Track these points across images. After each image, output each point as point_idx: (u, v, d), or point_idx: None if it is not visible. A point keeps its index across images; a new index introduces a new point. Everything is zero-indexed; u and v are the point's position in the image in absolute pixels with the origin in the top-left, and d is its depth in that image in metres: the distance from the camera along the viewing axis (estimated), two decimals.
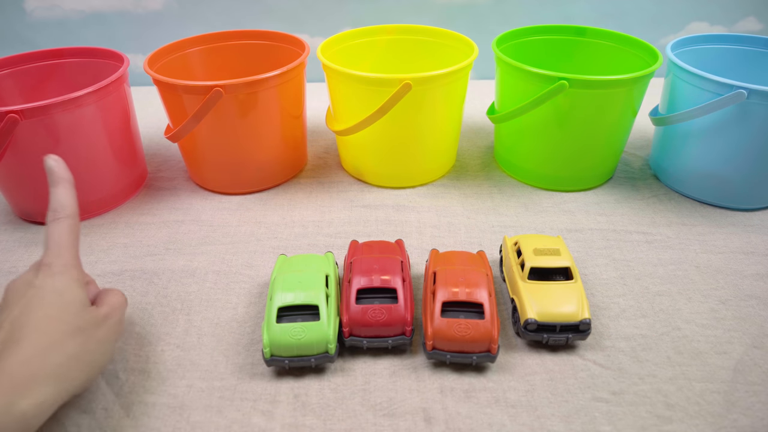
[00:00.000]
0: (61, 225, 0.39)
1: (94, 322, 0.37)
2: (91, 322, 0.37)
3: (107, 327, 0.38)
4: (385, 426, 0.41)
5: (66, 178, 0.40)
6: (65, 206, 0.39)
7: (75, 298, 0.37)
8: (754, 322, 0.49)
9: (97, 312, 0.38)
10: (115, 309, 0.40)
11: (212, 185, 0.69)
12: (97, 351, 0.37)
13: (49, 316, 0.35)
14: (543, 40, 0.76)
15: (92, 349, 0.36)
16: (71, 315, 0.36)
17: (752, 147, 0.59)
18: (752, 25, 1.02)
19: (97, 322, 0.37)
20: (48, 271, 0.37)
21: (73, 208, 0.39)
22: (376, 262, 0.48)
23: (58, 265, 0.37)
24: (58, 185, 0.40)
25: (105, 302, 0.40)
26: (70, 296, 0.36)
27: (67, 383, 0.35)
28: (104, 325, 0.38)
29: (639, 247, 0.59)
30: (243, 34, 0.74)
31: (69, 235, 0.39)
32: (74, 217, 0.39)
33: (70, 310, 0.36)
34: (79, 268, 0.39)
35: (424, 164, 0.69)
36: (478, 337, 0.43)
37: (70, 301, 0.36)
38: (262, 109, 0.61)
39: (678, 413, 0.41)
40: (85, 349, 0.36)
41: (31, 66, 0.67)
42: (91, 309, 0.38)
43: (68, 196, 0.40)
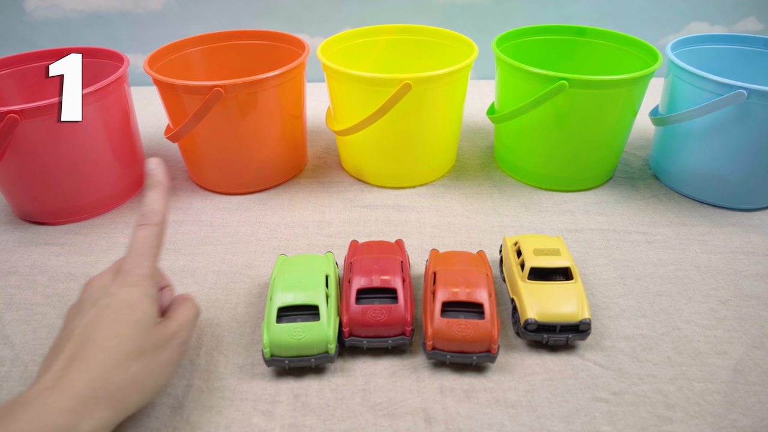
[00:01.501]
0: (148, 232, 0.39)
1: (160, 343, 0.36)
2: (156, 342, 0.36)
3: (171, 348, 0.37)
4: (385, 426, 0.41)
5: (162, 182, 0.40)
6: (155, 212, 0.39)
7: (145, 314, 0.36)
8: (754, 322, 0.49)
9: (164, 331, 0.37)
10: (182, 327, 0.39)
11: (212, 185, 0.69)
12: (158, 373, 0.36)
13: (116, 335, 0.34)
14: (543, 40, 0.76)
15: (153, 372, 0.36)
16: (138, 334, 0.35)
17: (752, 147, 0.59)
18: (752, 25, 1.02)
19: (162, 343, 0.36)
20: (124, 279, 0.37)
21: (162, 215, 0.39)
22: (376, 262, 0.48)
23: (135, 275, 0.37)
24: (153, 189, 0.40)
25: (175, 317, 0.39)
26: (140, 312, 0.36)
27: (124, 406, 0.34)
28: (169, 345, 0.37)
29: (639, 247, 0.59)
30: (243, 34, 0.74)
31: (153, 243, 0.38)
32: (162, 225, 0.39)
33: (137, 328, 0.35)
34: (154, 280, 0.38)
35: (424, 164, 0.69)
36: (478, 337, 0.43)
37: (139, 318, 0.36)
38: (262, 109, 0.61)
39: (678, 413, 0.41)
40: (147, 372, 0.35)
41: (31, 66, 0.67)
42: (159, 327, 0.37)
43: (160, 202, 0.40)
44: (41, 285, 0.54)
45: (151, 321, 0.36)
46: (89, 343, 0.34)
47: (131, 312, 0.36)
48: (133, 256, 0.38)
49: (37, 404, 0.30)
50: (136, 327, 0.35)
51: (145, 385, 0.35)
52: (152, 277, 0.38)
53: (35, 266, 0.56)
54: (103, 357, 0.33)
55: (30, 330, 0.49)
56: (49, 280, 0.55)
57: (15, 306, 0.52)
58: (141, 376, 0.34)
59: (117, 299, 0.36)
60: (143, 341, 0.35)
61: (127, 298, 0.36)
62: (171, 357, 0.37)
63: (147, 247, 0.38)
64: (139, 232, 0.39)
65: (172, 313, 0.39)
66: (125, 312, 0.35)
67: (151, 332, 0.36)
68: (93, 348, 0.33)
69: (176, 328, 0.38)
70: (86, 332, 0.34)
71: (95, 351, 0.33)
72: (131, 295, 0.36)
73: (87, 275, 0.55)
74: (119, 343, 0.34)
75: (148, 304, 0.37)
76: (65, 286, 0.54)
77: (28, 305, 0.52)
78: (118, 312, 0.35)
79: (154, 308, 0.37)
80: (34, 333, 0.49)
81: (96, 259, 0.57)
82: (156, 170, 0.41)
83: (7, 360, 0.46)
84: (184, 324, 0.39)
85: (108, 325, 0.35)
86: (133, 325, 0.35)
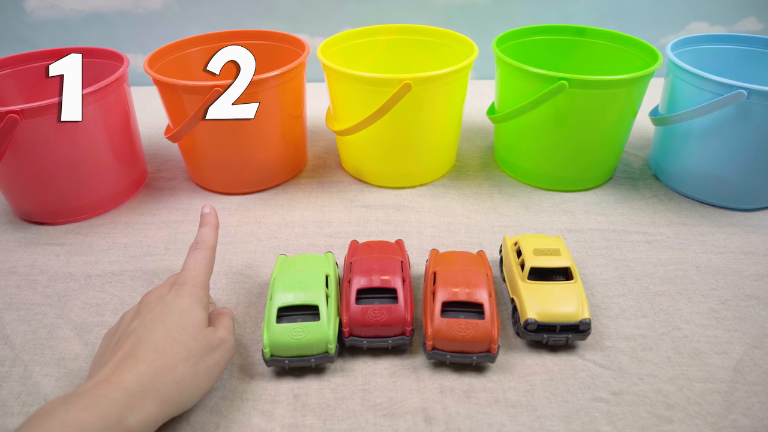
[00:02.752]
0: (201, 254, 0.44)
1: (209, 347, 0.39)
2: (205, 346, 0.39)
3: (220, 353, 0.40)
4: (385, 426, 0.41)
5: (214, 224, 0.47)
6: (206, 241, 0.45)
7: (196, 319, 0.39)
8: (754, 322, 0.49)
9: (213, 336, 0.40)
10: (229, 333, 0.42)
11: (212, 185, 0.69)
12: (205, 375, 0.39)
13: (168, 337, 0.37)
14: (543, 40, 0.76)
15: (200, 374, 0.38)
16: (189, 337, 0.38)
17: (752, 147, 0.59)
18: (752, 25, 1.02)
19: (211, 347, 0.39)
20: (179, 290, 0.41)
21: (213, 243, 0.45)
22: (376, 262, 0.48)
23: (189, 287, 0.41)
24: (205, 226, 0.46)
25: (221, 325, 0.42)
26: (191, 317, 0.39)
27: (171, 405, 0.36)
28: (218, 350, 0.40)
29: (639, 247, 0.59)
30: (243, 34, 0.74)
31: (204, 263, 0.43)
32: (212, 251, 0.45)
33: (188, 332, 0.38)
34: (205, 292, 0.42)
35: (424, 164, 0.69)
36: (478, 337, 0.43)
37: (190, 322, 0.39)
38: (262, 109, 0.61)
39: (678, 413, 0.41)
40: (193, 373, 0.37)
41: (31, 66, 0.67)
42: (207, 332, 0.40)
43: (212, 235, 0.46)
44: (41, 285, 0.54)
45: (200, 326, 0.39)
46: (142, 343, 0.37)
47: (183, 317, 0.39)
48: (187, 271, 0.42)
49: (91, 395, 0.33)
50: (186, 331, 0.38)
51: (190, 385, 0.37)
52: (204, 289, 0.42)
53: (35, 266, 0.56)
54: (154, 356, 0.36)
55: (30, 330, 0.49)
56: (49, 280, 0.55)
57: (15, 306, 0.52)
58: (187, 377, 0.37)
59: (171, 306, 0.39)
60: (192, 345, 0.38)
61: (180, 304, 0.40)
62: (218, 361, 0.40)
63: (200, 266, 0.43)
64: (194, 253, 0.44)
65: (217, 322, 0.42)
66: (178, 317, 0.39)
67: (199, 337, 0.39)
68: (145, 347, 0.36)
69: (225, 334, 0.41)
70: (141, 334, 0.37)
71: (146, 350, 0.36)
72: (184, 302, 0.40)
73: (87, 275, 0.55)
74: (170, 344, 0.37)
75: (199, 311, 0.40)
76: (65, 286, 0.54)
77: (28, 305, 0.52)
78: (172, 317, 0.39)
79: (204, 315, 0.41)
80: (34, 333, 0.49)
81: (96, 259, 0.57)
82: (210, 214, 0.47)
83: (7, 360, 0.46)
84: (230, 331, 0.42)
85: (161, 328, 0.38)
86: (184, 328, 0.38)
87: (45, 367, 0.45)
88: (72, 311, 0.51)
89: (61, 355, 0.47)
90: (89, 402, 0.32)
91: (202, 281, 0.42)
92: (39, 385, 0.44)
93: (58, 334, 0.49)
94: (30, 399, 0.43)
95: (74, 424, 0.31)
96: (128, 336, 0.38)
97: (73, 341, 0.48)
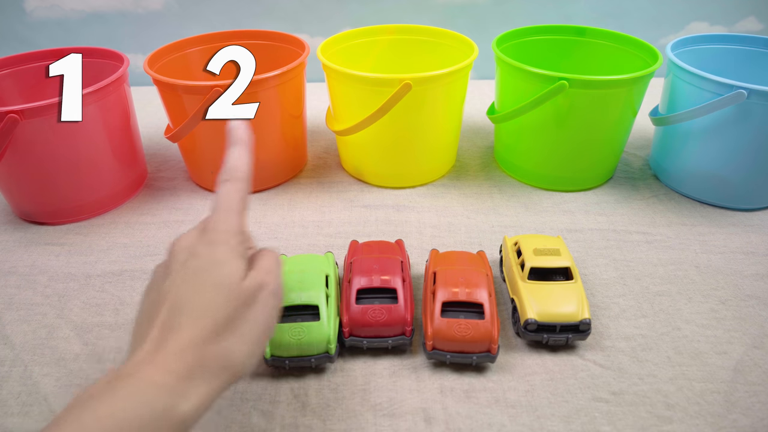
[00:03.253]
0: (232, 187, 0.36)
1: (248, 299, 0.33)
2: (245, 300, 0.33)
3: (261, 302, 0.34)
4: (385, 426, 0.41)
5: (244, 140, 0.38)
6: (238, 168, 0.37)
7: (232, 272, 0.34)
8: (754, 322, 0.49)
9: (251, 283, 0.34)
10: (268, 273, 0.35)
11: (212, 185, 0.69)
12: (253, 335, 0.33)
13: (204, 300, 0.32)
14: (543, 40, 0.76)
15: (247, 334, 0.33)
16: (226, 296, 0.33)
17: (752, 147, 0.59)
18: (752, 25, 1.02)
19: (250, 298, 0.34)
20: (211, 238, 0.34)
21: (245, 171, 0.37)
22: (376, 262, 0.48)
23: (221, 232, 0.34)
24: (234, 146, 0.38)
25: (259, 267, 0.35)
26: (227, 270, 0.33)
27: (222, 379, 0.32)
28: (258, 299, 0.34)
29: (639, 247, 0.59)
30: (243, 34, 0.74)
31: (238, 199, 0.36)
32: (246, 181, 0.37)
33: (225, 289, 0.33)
34: (241, 236, 0.35)
35: (424, 164, 0.69)
36: (478, 337, 0.43)
37: (225, 278, 0.33)
38: (262, 109, 0.61)
39: (678, 413, 0.41)
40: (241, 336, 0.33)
41: (31, 66, 0.67)
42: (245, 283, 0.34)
43: (243, 159, 0.38)
44: (41, 285, 0.54)
45: (237, 280, 0.34)
46: (178, 310, 0.32)
47: (217, 271, 0.33)
48: (218, 213, 0.35)
49: (134, 380, 0.29)
50: (222, 288, 0.33)
51: (239, 351, 0.32)
52: (240, 233, 0.35)
53: (35, 266, 0.56)
54: (193, 326, 0.31)
55: (30, 330, 0.49)
56: (49, 280, 0.55)
57: (15, 306, 0.52)
58: (234, 344, 0.32)
59: (204, 260, 0.34)
60: (232, 305, 0.33)
61: (213, 256, 0.34)
62: (263, 313, 0.34)
63: (232, 203, 0.36)
64: (223, 187, 0.36)
65: (254, 264, 0.36)
66: (211, 273, 0.33)
67: (238, 292, 0.33)
68: (182, 315, 0.32)
69: (262, 276, 0.35)
70: (175, 298, 0.33)
71: (185, 319, 0.32)
72: (218, 254, 0.34)
73: (87, 275, 0.55)
74: (207, 309, 0.32)
75: (235, 262, 0.34)
76: (65, 286, 0.54)
77: (28, 305, 0.52)
78: (206, 274, 0.33)
79: (241, 265, 0.34)
80: (34, 333, 0.49)
81: (96, 259, 0.57)
82: (238, 127, 0.39)
83: (7, 360, 0.46)
84: (269, 270, 0.35)
85: (196, 290, 0.33)
86: (220, 286, 0.33)
87: (45, 367, 0.45)
88: (72, 311, 0.51)
89: (61, 355, 0.47)
90: (132, 390, 0.29)
91: (237, 223, 0.35)
92: (39, 385, 0.44)
93: (58, 334, 0.49)
94: (30, 399, 0.43)
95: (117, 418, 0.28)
96: (162, 300, 0.33)
97: (73, 341, 0.48)
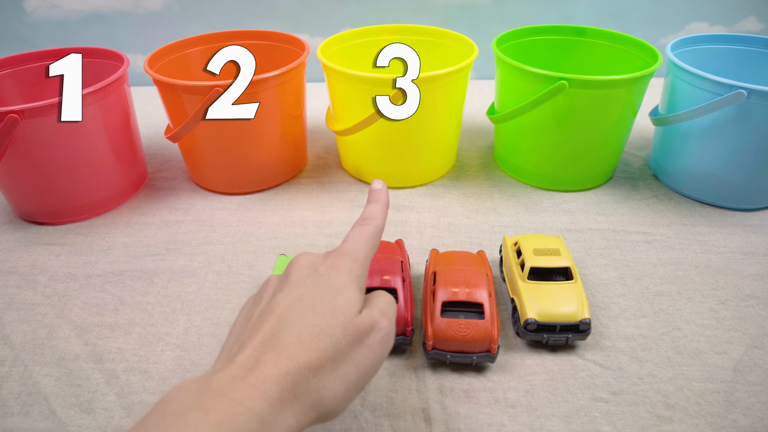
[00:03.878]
0: (366, 229, 0.37)
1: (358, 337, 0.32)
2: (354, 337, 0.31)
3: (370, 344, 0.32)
4: (385, 426, 0.41)
5: (385, 201, 0.41)
6: (375, 217, 0.39)
7: (349, 302, 0.32)
8: (754, 322, 0.49)
9: (363, 321, 0.32)
10: (384, 315, 0.33)
11: (212, 185, 0.69)
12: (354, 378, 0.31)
13: (315, 326, 0.31)
14: (543, 40, 0.76)
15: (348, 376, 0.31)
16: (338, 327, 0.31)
17: (752, 147, 0.59)
18: (752, 25, 1.02)
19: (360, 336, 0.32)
20: (336, 263, 0.34)
21: (381, 221, 0.39)
22: (377, 262, 0.48)
23: (348, 260, 0.34)
24: (375, 202, 0.40)
25: (375, 305, 0.34)
26: (345, 299, 0.32)
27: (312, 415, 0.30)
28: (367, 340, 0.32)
29: (639, 247, 0.59)
30: (243, 34, 0.74)
31: (369, 239, 0.37)
32: (379, 228, 0.39)
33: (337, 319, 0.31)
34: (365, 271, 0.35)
35: (424, 164, 0.69)
36: (478, 337, 0.43)
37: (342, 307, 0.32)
38: (262, 109, 0.61)
39: (678, 413, 0.41)
40: (342, 376, 0.31)
41: (31, 66, 0.67)
42: (360, 318, 0.32)
43: (381, 212, 0.40)
44: (41, 285, 0.54)
45: (353, 312, 0.32)
46: (285, 329, 0.31)
47: (335, 298, 0.32)
48: (348, 242, 0.36)
49: (228, 400, 0.27)
50: (336, 318, 0.31)
51: (336, 392, 0.30)
52: (364, 267, 0.35)
53: (35, 266, 0.56)
54: (297, 351, 0.30)
55: (30, 330, 0.49)
56: (49, 280, 0.55)
57: (15, 306, 0.52)
58: (333, 382, 0.30)
59: (324, 281, 0.33)
60: (341, 338, 0.31)
61: (334, 281, 0.33)
62: (367, 356, 0.32)
63: (363, 240, 0.36)
64: (358, 228, 0.38)
65: (370, 303, 0.34)
66: (329, 298, 0.32)
67: (349, 327, 0.31)
68: (287, 337, 0.30)
69: (377, 317, 0.33)
70: (284, 315, 0.31)
71: (289, 341, 0.30)
72: (339, 279, 0.33)
73: (87, 275, 0.55)
74: (316, 336, 0.30)
75: (355, 293, 0.33)
76: (65, 286, 0.54)
77: (28, 305, 0.52)
78: (322, 297, 0.32)
79: (359, 298, 0.33)
80: (34, 333, 0.49)
81: (96, 259, 0.57)
82: (381, 190, 0.41)
83: (7, 360, 0.46)
84: (384, 311, 0.34)
85: (308, 311, 0.32)
86: (334, 315, 0.31)
87: (45, 367, 0.45)
88: (72, 311, 0.51)
89: (61, 355, 0.47)
90: (224, 414, 0.27)
91: (363, 257, 0.35)
92: (39, 385, 0.44)
93: (58, 334, 0.49)
94: (30, 399, 0.43)
95: None
96: (270, 313, 0.32)
97: (73, 341, 0.48)
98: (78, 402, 0.42)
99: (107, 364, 0.46)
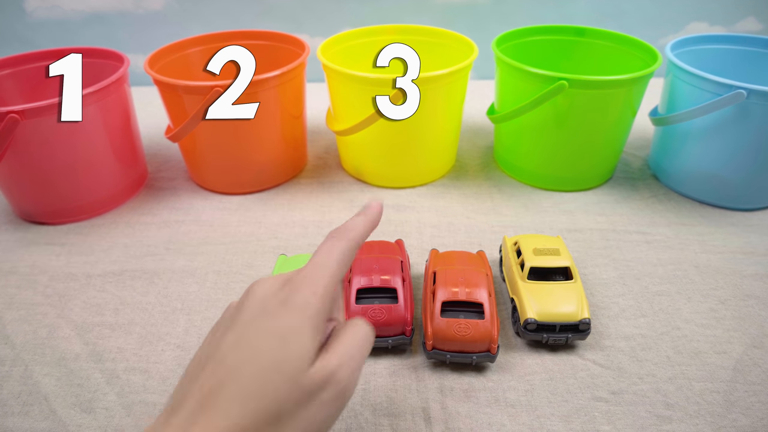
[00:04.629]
0: (337, 245, 0.32)
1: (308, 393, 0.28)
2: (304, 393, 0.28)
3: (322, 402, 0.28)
4: (385, 426, 0.41)
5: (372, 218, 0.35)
6: (353, 230, 0.33)
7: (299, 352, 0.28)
8: (753, 322, 0.50)
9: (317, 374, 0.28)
10: (342, 365, 0.29)
11: (212, 185, 0.69)
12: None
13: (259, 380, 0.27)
14: (543, 40, 0.76)
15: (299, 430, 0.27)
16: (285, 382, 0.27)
17: (752, 147, 0.59)
18: (752, 25, 1.02)
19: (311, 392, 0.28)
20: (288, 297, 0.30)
21: (356, 236, 0.34)
22: (376, 262, 0.48)
23: (303, 294, 0.30)
24: (361, 215, 0.35)
25: (334, 351, 0.29)
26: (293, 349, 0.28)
27: None
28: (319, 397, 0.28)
29: (638, 247, 0.59)
30: (243, 34, 0.74)
31: (337, 259, 0.32)
32: (354, 243, 0.33)
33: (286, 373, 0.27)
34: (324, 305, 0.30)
35: (424, 164, 0.69)
36: (477, 337, 0.43)
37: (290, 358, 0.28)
38: (262, 109, 0.61)
39: (677, 413, 0.41)
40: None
41: (31, 66, 0.67)
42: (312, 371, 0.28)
43: (361, 226, 0.34)
44: (41, 285, 0.54)
45: (303, 365, 0.28)
46: (225, 383, 0.27)
47: (283, 347, 0.28)
48: (310, 267, 0.31)
49: None
50: (281, 372, 0.27)
51: None
52: (323, 300, 0.30)
53: (35, 266, 0.57)
54: (237, 411, 0.26)
55: (30, 330, 0.49)
56: (50, 280, 0.55)
57: (15, 306, 0.52)
58: None
59: (272, 325, 0.29)
60: (286, 395, 0.27)
61: (283, 325, 0.29)
62: (318, 416, 0.28)
63: (330, 261, 0.31)
64: (327, 243, 0.32)
65: (331, 345, 0.30)
66: (276, 346, 0.28)
67: (300, 381, 0.28)
68: (230, 391, 0.27)
69: (333, 367, 0.28)
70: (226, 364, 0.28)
71: (231, 397, 0.27)
72: (290, 322, 0.29)
73: (87, 275, 0.55)
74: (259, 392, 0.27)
75: (306, 340, 0.28)
76: (65, 286, 0.54)
77: (28, 305, 0.52)
78: (269, 345, 0.28)
79: (311, 346, 0.29)
80: (34, 333, 0.49)
81: (96, 259, 0.57)
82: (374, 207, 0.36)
83: (7, 360, 0.46)
84: (345, 360, 0.29)
85: (251, 363, 0.28)
86: (279, 368, 0.27)
87: (45, 367, 0.45)
88: (72, 311, 0.51)
89: (62, 355, 0.47)
90: None
91: (326, 285, 0.30)
92: (39, 385, 0.44)
93: (58, 334, 0.49)
94: (30, 399, 0.43)
95: None
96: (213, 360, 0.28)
97: (73, 341, 0.48)
98: (78, 402, 0.42)
99: (107, 364, 0.46)
